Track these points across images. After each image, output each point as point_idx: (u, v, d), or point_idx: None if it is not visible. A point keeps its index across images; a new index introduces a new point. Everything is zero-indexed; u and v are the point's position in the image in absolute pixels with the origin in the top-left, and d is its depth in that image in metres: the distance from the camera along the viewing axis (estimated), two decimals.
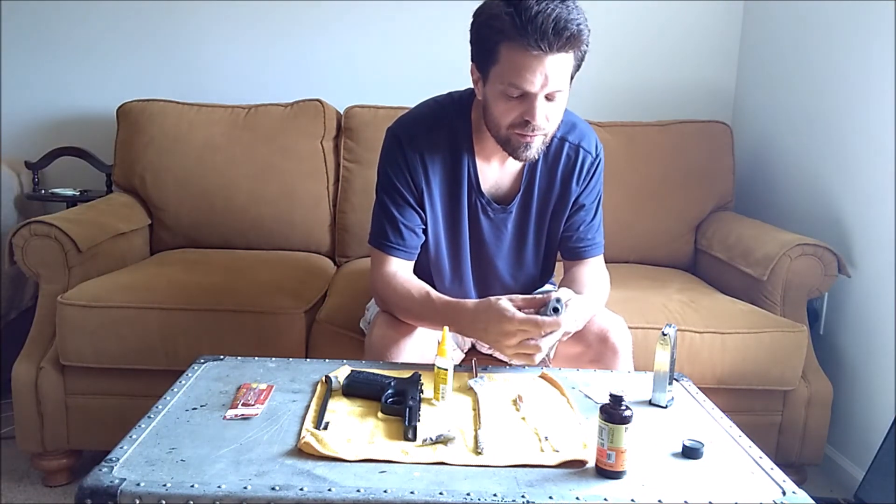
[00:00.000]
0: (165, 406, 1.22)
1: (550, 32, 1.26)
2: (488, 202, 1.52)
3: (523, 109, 1.34)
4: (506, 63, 1.32)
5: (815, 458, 2.03)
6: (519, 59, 1.30)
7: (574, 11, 1.29)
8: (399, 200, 1.48)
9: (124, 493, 0.96)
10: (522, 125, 1.36)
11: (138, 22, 2.69)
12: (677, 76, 2.77)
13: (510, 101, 1.35)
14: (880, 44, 1.99)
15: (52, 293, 1.92)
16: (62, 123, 2.72)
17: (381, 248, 1.50)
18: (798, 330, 1.93)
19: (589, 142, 1.54)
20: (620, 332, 1.52)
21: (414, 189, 1.48)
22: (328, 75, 2.73)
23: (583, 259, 1.59)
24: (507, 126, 1.37)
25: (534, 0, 1.27)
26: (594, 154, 1.54)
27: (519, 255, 1.59)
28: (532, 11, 1.26)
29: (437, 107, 1.52)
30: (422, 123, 1.50)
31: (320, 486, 0.98)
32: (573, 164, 1.53)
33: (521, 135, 1.37)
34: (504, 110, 1.36)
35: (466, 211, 1.52)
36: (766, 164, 2.60)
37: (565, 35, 1.27)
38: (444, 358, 1.28)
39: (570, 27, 1.27)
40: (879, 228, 1.99)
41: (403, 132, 1.50)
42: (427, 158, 1.47)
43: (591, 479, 1.05)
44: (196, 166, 2.41)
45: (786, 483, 1.07)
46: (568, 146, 1.52)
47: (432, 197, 1.50)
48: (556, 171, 1.53)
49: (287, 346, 1.87)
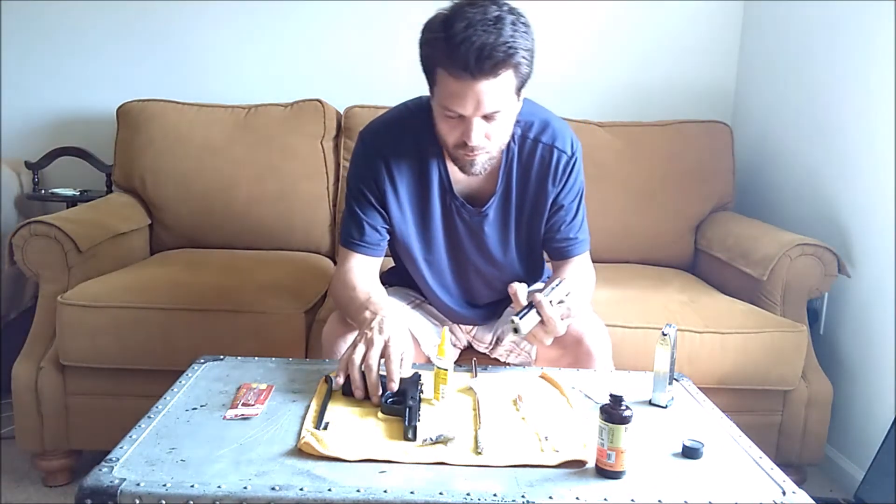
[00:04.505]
0: (165, 406, 1.22)
1: (473, 62, 1.25)
2: (462, 204, 1.52)
3: (462, 130, 1.35)
4: (441, 86, 1.33)
5: (815, 458, 2.03)
6: (451, 85, 1.30)
7: (505, 33, 1.26)
8: (363, 201, 1.50)
9: (124, 494, 0.96)
10: (462, 145, 1.36)
11: (138, 22, 2.68)
12: (677, 76, 2.77)
13: (450, 120, 1.36)
14: (880, 44, 1.99)
15: (52, 293, 1.92)
16: (62, 123, 2.72)
17: (345, 245, 1.53)
18: (798, 330, 1.93)
19: (563, 141, 1.52)
20: (596, 336, 1.52)
21: (377, 191, 1.49)
22: (328, 75, 2.73)
23: (567, 258, 1.58)
24: (451, 145, 1.39)
25: (462, 25, 1.26)
26: (569, 153, 1.52)
27: (501, 256, 1.58)
28: (458, 39, 1.25)
29: (406, 111, 1.53)
30: (389, 127, 1.52)
31: (320, 486, 0.98)
32: (548, 164, 1.51)
33: (465, 153, 1.38)
34: (446, 130, 1.38)
35: (440, 213, 1.52)
36: (766, 164, 2.60)
37: (490, 63, 1.26)
38: (445, 358, 1.28)
39: (496, 54, 1.25)
40: (879, 228, 1.99)
41: (370, 136, 1.53)
42: (392, 162, 1.48)
43: (591, 479, 1.05)
44: (196, 166, 2.41)
45: (786, 483, 1.07)
46: (542, 147, 1.51)
47: (399, 199, 1.51)
48: (531, 172, 1.51)
49: (287, 346, 1.87)
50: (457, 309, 1.65)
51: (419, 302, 1.68)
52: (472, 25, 1.25)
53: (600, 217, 2.31)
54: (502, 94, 1.31)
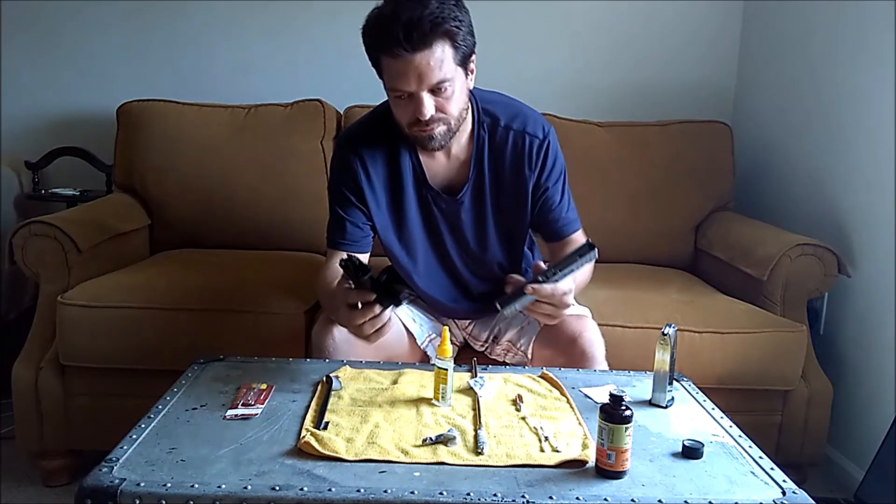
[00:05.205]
0: (165, 406, 1.22)
1: (402, 36, 1.32)
2: (437, 194, 1.56)
3: (413, 107, 1.40)
4: (385, 71, 1.41)
5: (815, 458, 2.03)
6: (391, 66, 1.38)
7: (431, 5, 1.33)
8: (343, 201, 1.56)
9: (124, 494, 0.96)
10: (417, 122, 1.42)
11: (138, 22, 2.69)
12: (677, 76, 2.77)
13: (401, 101, 1.42)
14: (880, 44, 1.99)
15: (52, 293, 1.92)
16: (62, 123, 2.72)
17: (330, 246, 1.58)
18: (798, 330, 1.93)
19: (535, 126, 1.56)
20: (590, 336, 1.54)
21: (355, 189, 1.54)
22: (328, 75, 2.73)
23: (563, 237, 1.62)
24: (407, 125, 1.45)
25: (389, 9, 1.35)
26: (541, 136, 1.56)
27: (480, 243, 1.61)
28: (387, 20, 1.34)
29: (380, 112, 1.57)
30: (363, 127, 1.61)
31: (320, 486, 0.99)
32: (521, 150, 1.55)
33: (421, 130, 1.43)
34: (400, 113, 1.44)
35: (416, 203, 1.57)
36: (766, 164, 2.60)
37: (418, 34, 1.32)
38: (445, 358, 1.28)
39: (423, 26, 1.32)
40: (879, 228, 1.99)
41: (345, 139, 1.62)
42: (367, 158, 1.54)
43: (591, 479, 1.05)
44: (196, 166, 2.41)
45: (786, 483, 1.07)
46: (514, 134, 1.55)
47: (375, 193, 1.55)
48: (504, 159, 1.55)
49: (287, 346, 1.87)
50: (448, 303, 1.66)
51: (413, 297, 1.69)
52: (399, 4, 1.35)
53: (600, 217, 2.32)
54: (441, 64, 1.36)
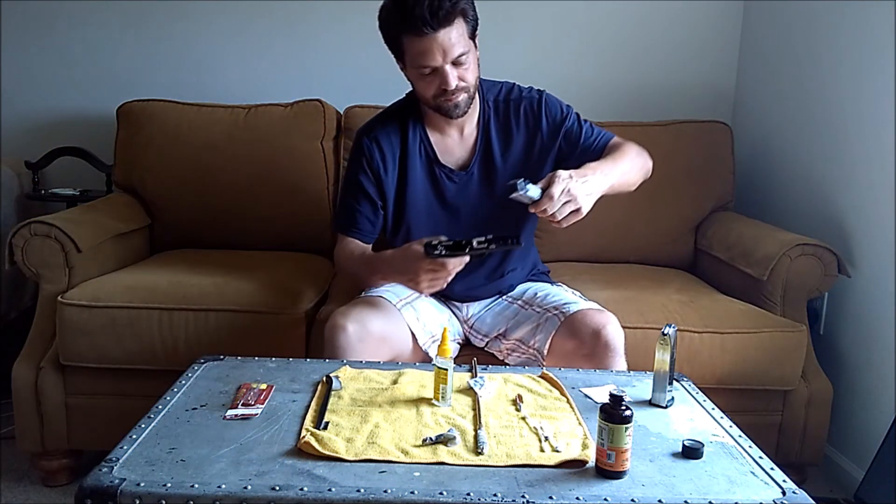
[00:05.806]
0: (165, 406, 1.22)
1: (429, 16, 1.48)
2: (451, 170, 1.71)
3: (438, 81, 1.56)
4: (409, 50, 1.55)
5: (815, 458, 2.03)
6: (416, 45, 1.53)
7: None
8: (357, 192, 1.70)
9: (124, 494, 0.96)
10: (443, 93, 1.58)
11: (138, 22, 2.68)
12: (677, 76, 2.77)
13: (426, 77, 1.57)
14: (880, 43, 1.99)
15: (52, 293, 1.92)
16: (62, 123, 2.72)
17: (340, 231, 1.74)
18: (798, 330, 1.93)
19: (528, 90, 1.73)
20: (614, 329, 1.56)
21: (372, 177, 1.68)
22: (328, 75, 2.73)
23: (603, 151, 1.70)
24: (432, 97, 1.60)
25: None
26: (536, 94, 1.72)
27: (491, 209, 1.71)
28: (410, 4, 1.49)
29: (394, 104, 1.76)
30: (379, 117, 1.76)
31: (320, 486, 0.99)
32: (527, 110, 1.70)
33: (446, 99, 1.59)
34: (424, 86, 1.59)
35: (429, 182, 1.71)
36: (766, 164, 2.60)
37: (441, 13, 1.48)
38: (445, 358, 1.28)
39: (444, 5, 1.48)
40: (879, 228, 1.99)
41: (362, 128, 1.75)
42: (384, 144, 1.69)
43: (591, 479, 1.05)
44: (196, 166, 2.41)
45: (786, 483, 1.07)
46: (513, 103, 1.71)
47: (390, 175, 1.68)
48: (510, 127, 1.71)
49: (287, 346, 1.87)
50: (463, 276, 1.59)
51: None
52: None
53: (600, 217, 2.31)
54: (460, 38, 1.53)
